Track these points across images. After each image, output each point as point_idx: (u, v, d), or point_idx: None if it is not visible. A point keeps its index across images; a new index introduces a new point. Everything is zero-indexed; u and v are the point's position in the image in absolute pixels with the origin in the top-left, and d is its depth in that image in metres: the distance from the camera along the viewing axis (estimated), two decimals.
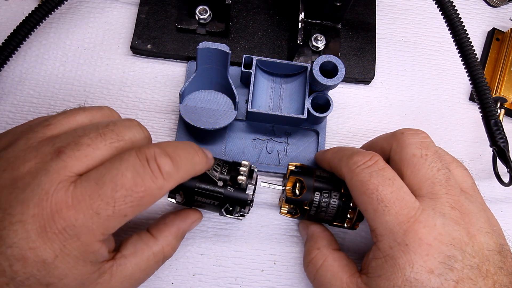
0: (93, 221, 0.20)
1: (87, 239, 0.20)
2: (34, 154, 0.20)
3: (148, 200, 0.21)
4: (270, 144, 0.35)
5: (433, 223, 0.23)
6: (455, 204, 0.24)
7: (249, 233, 0.33)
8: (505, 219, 0.36)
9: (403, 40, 0.40)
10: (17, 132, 0.23)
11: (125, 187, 0.20)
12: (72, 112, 0.23)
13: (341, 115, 0.37)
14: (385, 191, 0.24)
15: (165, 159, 0.21)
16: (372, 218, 0.24)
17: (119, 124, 0.23)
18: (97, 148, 0.21)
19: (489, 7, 0.42)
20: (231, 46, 0.37)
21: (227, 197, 0.27)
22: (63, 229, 0.19)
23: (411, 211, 0.23)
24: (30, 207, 0.19)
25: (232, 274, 0.32)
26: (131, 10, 0.38)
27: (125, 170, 0.20)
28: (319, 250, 0.29)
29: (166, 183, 0.21)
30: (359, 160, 0.26)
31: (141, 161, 0.21)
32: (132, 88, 0.36)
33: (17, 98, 0.35)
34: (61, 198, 0.19)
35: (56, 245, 0.19)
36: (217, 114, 0.32)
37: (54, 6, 0.32)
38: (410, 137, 0.27)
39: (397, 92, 0.38)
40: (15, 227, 0.19)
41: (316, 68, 0.31)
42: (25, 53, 0.36)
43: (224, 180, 0.28)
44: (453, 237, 0.23)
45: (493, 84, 0.38)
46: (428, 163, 0.25)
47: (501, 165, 0.33)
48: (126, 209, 0.20)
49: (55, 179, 0.20)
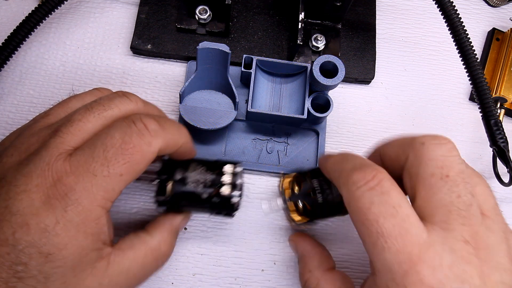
0: (92, 183, 0.21)
1: (88, 203, 0.21)
2: (36, 138, 0.23)
3: (139, 157, 0.22)
4: (270, 144, 0.35)
5: (439, 262, 0.20)
6: (472, 237, 0.20)
7: (249, 233, 0.33)
8: (505, 219, 0.35)
9: (403, 40, 0.40)
10: (23, 127, 0.26)
11: (114, 146, 0.22)
12: (66, 100, 0.26)
13: (341, 115, 0.37)
14: (387, 224, 0.20)
15: (150, 119, 0.23)
16: (370, 251, 0.21)
17: (105, 97, 0.24)
18: (88, 121, 0.23)
19: (489, 7, 0.42)
20: (231, 46, 0.37)
21: (214, 206, 0.27)
22: (65, 194, 0.21)
23: (415, 248, 0.20)
24: (34, 178, 0.21)
25: (232, 274, 0.32)
26: (131, 10, 0.38)
27: (113, 132, 0.22)
28: (311, 273, 0.27)
29: (153, 139, 0.23)
30: (360, 179, 0.22)
31: (127, 123, 0.22)
32: (132, 88, 0.36)
33: (17, 98, 0.35)
34: (60, 167, 0.21)
35: (58, 211, 0.20)
36: (217, 114, 0.32)
37: (54, 6, 0.32)
38: (432, 149, 0.22)
39: (397, 92, 0.38)
40: (20, 196, 0.20)
41: (316, 68, 0.31)
42: (25, 53, 0.36)
43: (208, 192, 0.27)
44: (462, 279, 0.19)
45: (493, 84, 0.38)
46: (447, 187, 0.21)
47: (501, 165, 0.33)
48: (119, 167, 0.22)
49: (54, 153, 0.21)
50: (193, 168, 0.27)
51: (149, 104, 0.27)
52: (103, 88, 0.28)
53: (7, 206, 0.20)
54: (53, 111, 0.25)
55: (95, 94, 0.27)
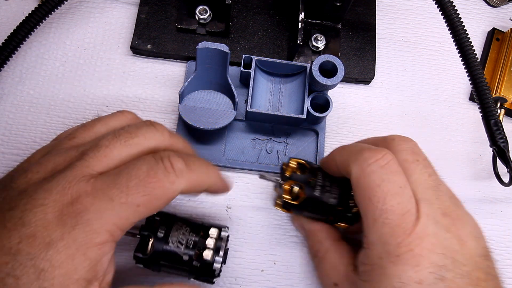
0: (107, 206, 0.21)
1: (98, 226, 0.21)
2: (63, 158, 0.23)
3: (160, 192, 0.22)
4: (269, 144, 0.35)
5: (426, 233, 0.22)
6: (446, 209, 0.24)
7: (249, 233, 0.33)
8: (505, 219, 0.36)
9: (403, 40, 0.40)
10: (48, 146, 0.26)
11: (139, 177, 0.22)
12: (90, 124, 0.26)
13: (341, 115, 0.37)
14: (393, 202, 0.23)
15: (178, 159, 0.23)
16: (368, 226, 0.24)
17: (133, 126, 0.25)
18: (114, 147, 0.23)
19: (489, 7, 0.42)
20: (231, 46, 0.37)
21: (194, 270, 0.27)
22: (78, 213, 0.21)
23: (410, 223, 0.23)
24: (53, 193, 0.21)
25: (232, 274, 0.32)
26: (131, 10, 0.38)
27: (140, 164, 0.22)
28: (321, 244, 0.29)
29: (177, 178, 0.22)
30: (371, 156, 0.24)
31: (155, 160, 0.23)
32: (132, 88, 0.36)
33: (17, 98, 0.35)
34: (82, 187, 0.21)
35: (66, 228, 0.20)
36: (217, 114, 0.32)
37: (54, 6, 0.32)
38: (402, 143, 0.26)
39: (397, 92, 0.38)
40: (36, 209, 0.20)
41: (315, 68, 0.31)
42: (25, 53, 0.36)
43: (189, 254, 0.26)
44: (445, 245, 0.22)
45: (493, 84, 0.38)
46: (419, 168, 0.25)
47: (501, 165, 0.33)
48: (138, 198, 0.21)
49: (78, 174, 0.22)
50: (177, 227, 0.27)
51: (175, 136, 0.26)
52: (126, 111, 0.28)
53: (22, 217, 0.20)
54: (78, 134, 0.25)
55: (119, 118, 0.27)
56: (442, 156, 0.37)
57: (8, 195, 0.22)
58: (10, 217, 0.20)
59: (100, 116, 0.27)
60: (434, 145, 0.37)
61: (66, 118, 0.35)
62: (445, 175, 0.36)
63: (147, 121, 0.26)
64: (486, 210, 0.36)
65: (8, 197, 0.22)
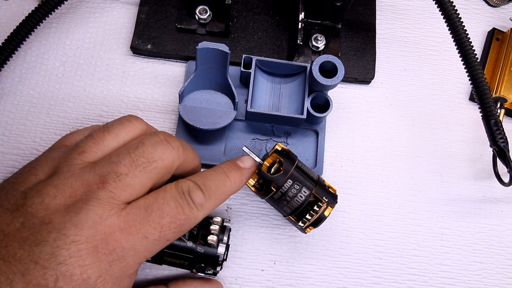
0: (141, 243, 0.22)
1: (132, 261, 0.22)
2: (80, 182, 0.22)
3: (187, 226, 0.24)
4: (269, 144, 0.35)
5: None
6: None
7: (249, 233, 0.33)
8: (505, 219, 0.36)
9: (403, 40, 0.40)
10: (54, 158, 0.24)
11: (170, 214, 0.23)
12: (99, 136, 0.25)
13: (341, 115, 0.37)
14: None
15: (197, 192, 0.24)
16: None
17: (147, 144, 0.24)
18: (135, 176, 0.23)
19: (489, 7, 0.42)
20: (231, 46, 0.37)
21: (197, 257, 0.27)
22: (113, 250, 0.21)
23: None
24: (85, 229, 0.21)
25: (232, 274, 0.32)
26: (131, 10, 0.38)
27: (169, 200, 0.23)
28: None
29: (199, 212, 0.24)
30: None
31: (179, 193, 0.23)
32: (132, 88, 0.36)
33: (17, 98, 0.35)
34: (114, 222, 0.22)
35: (103, 265, 0.21)
36: (217, 114, 0.32)
37: (54, 6, 0.32)
38: None
39: (397, 92, 0.38)
40: (68, 246, 0.20)
41: (315, 68, 0.31)
42: (25, 53, 0.36)
43: (194, 239, 0.27)
44: None
45: (493, 84, 0.38)
46: None
47: (501, 165, 0.33)
48: (169, 234, 0.23)
49: (107, 207, 0.22)
50: None
51: (186, 147, 0.26)
52: (133, 118, 0.26)
53: (54, 253, 0.20)
54: (88, 148, 0.24)
55: (129, 130, 0.26)
56: (442, 156, 0.37)
57: (28, 223, 0.21)
58: (40, 252, 0.20)
59: (107, 125, 0.26)
60: (434, 145, 0.37)
61: (66, 118, 0.35)
62: (445, 175, 0.36)
63: (161, 135, 0.25)
64: (486, 210, 0.36)
65: (30, 226, 0.21)
